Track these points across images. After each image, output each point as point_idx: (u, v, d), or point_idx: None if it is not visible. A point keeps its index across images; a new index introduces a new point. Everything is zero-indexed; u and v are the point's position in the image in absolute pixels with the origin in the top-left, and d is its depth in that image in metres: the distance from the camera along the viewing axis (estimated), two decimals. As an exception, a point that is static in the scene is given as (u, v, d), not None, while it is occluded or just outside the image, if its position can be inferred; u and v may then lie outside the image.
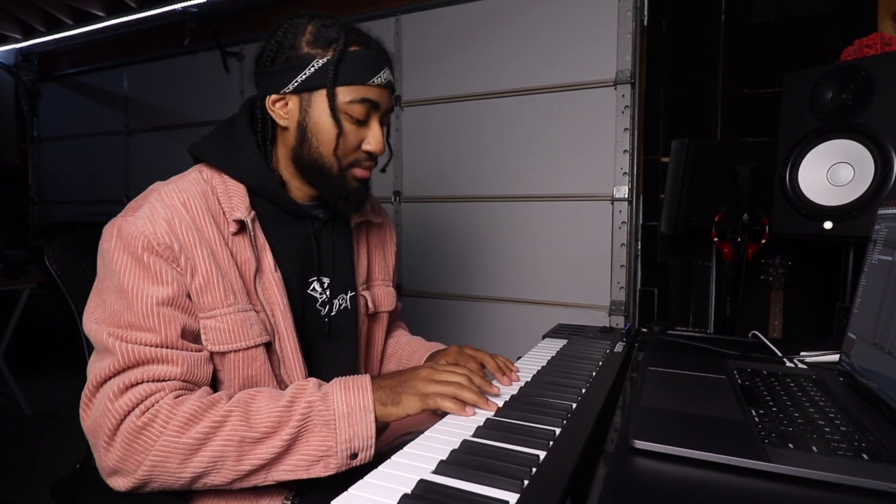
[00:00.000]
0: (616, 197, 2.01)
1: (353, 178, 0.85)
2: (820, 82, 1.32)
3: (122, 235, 0.73)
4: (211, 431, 0.66)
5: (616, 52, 1.99)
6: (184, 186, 0.79)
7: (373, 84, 0.81)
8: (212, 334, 0.76)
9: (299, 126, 0.82)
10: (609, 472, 0.53)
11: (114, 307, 0.71)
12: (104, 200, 3.38)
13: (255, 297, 0.81)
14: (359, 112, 0.81)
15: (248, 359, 0.79)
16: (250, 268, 0.81)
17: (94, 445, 0.68)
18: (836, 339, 0.99)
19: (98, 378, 0.69)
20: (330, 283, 0.93)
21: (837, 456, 0.53)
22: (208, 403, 0.68)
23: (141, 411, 0.66)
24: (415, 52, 2.36)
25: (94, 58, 3.40)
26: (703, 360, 0.91)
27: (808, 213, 1.33)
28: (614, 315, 2.03)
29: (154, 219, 0.74)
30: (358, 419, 0.69)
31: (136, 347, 0.69)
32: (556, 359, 0.96)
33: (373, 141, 0.84)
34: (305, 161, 0.84)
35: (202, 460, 0.66)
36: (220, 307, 0.76)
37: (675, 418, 0.62)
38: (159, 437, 0.65)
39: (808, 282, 1.80)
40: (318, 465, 0.68)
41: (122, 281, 0.71)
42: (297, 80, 0.80)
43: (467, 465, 0.53)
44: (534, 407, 0.70)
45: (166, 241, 0.73)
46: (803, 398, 0.71)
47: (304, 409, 0.69)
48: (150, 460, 0.65)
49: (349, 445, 0.68)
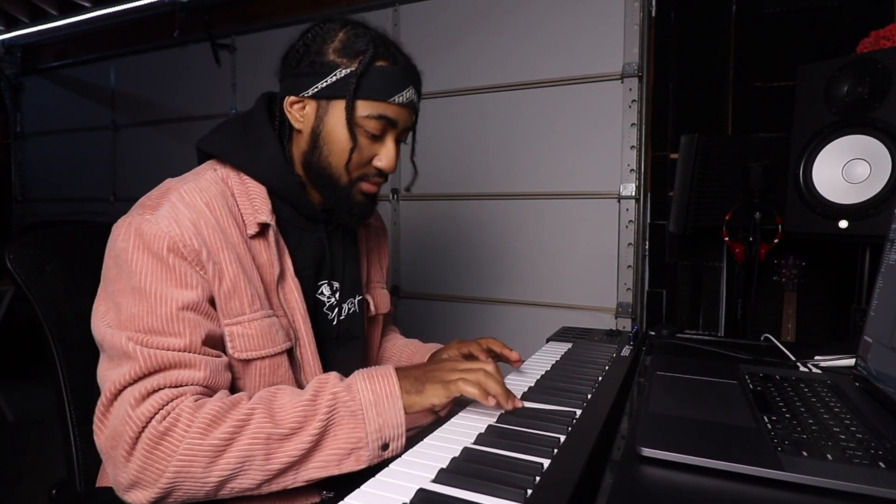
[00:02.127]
0: (623, 195, 2.01)
1: (359, 192, 0.86)
2: (835, 75, 1.32)
3: (142, 235, 0.72)
4: (236, 431, 0.65)
5: (623, 44, 1.99)
6: (203, 186, 0.79)
7: (393, 102, 0.82)
8: (238, 341, 0.76)
9: (313, 132, 0.83)
10: (615, 481, 0.53)
11: (132, 310, 0.70)
12: (90, 198, 3.38)
13: (276, 302, 0.82)
14: (374, 127, 0.82)
15: (273, 366, 0.79)
16: (272, 272, 0.81)
17: (111, 458, 0.67)
18: (851, 343, 0.99)
19: (116, 386, 0.67)
20: (339, 287, 0.94)
21: (853, 464, 0.53)
22: (230, 403, 0.68)
23: (162, 416, 0.65)
24: (413, 44, 2.34)
25: (80, 50, 3.40)
26: (713, 364, 0.90)
27: (822, 211, 1.33)
28: (621, 317, 2.03)
29: (179, 220, 0.73)
30: (386, 406, 0.69)
31: (158, 353, 0.68)
32: (561, 363, 0.96)
33: (384, 158, 0.85)
34: (315, 168, 0.85)
35: (229, 462, 0.65)
36: (247, 312, 0.77)
37: (684, 425, 0.62)
38: (182, 440, 0.64)
39: (822, 283, 1.80)
40: (350, 458, 0.68)
41: (143, 283, 0.70)
42: (318, 86, 0.81)
43: (468, 473, 0.53)
44: (537, 413, 0.70)
45: (193, 244, 0.73)
46: (818, 404, 0.71)
47: (329, 401, 0.68)
48: (174, 467, 0.64)
49: (380, 435, 0.68)
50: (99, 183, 3.33)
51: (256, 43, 2.76)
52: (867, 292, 1.40)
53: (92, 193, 3.38)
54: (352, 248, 0.98)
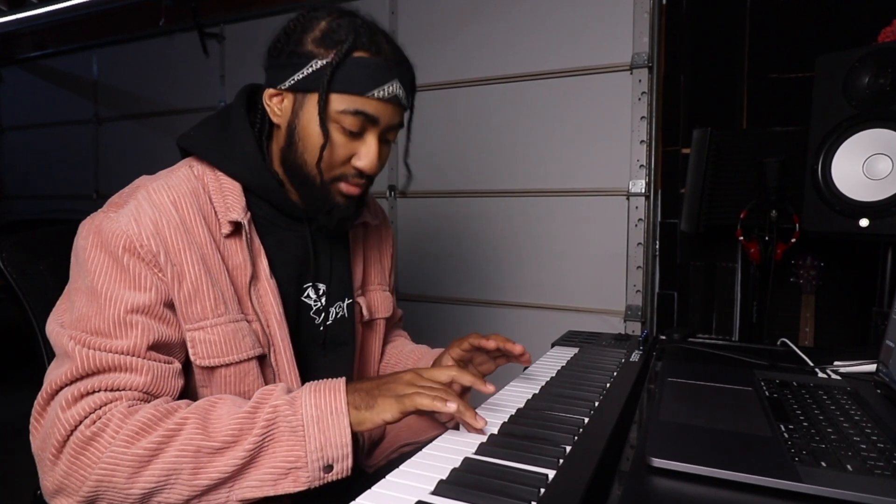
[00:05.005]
0: (632, 192, 2.01)
1: (338, 193, 0.85)
2: (855, 66, 1.32)
3: (101, 233, 0.72)
4: (164, 441, 0.65)
5: (632, 32, 1.99)
6: (173, 183, 0.79)
7: (371, 97, 0.79)
8: (200, 347, 0.76)
9: (289, 127, 0.83)
10: (624, 492, 0.53)
11: (82, 310, 0.71)
12: (72, 195, 3.38)
13: (248, 305, 0.81)
14: (351, 124, 0.80)
15: (239, 374, 0.79)
16: (244, 274, 0.81)
17: (41, 461, 0.67)
18: (872, 348, 0.99)
19: (52, 386, 0.68)
20: (326, 291, 0.93)
21: (874, 475, 0.53)
22: (164, 412, 0.67)
23: (91, 421, 0.65)
24: (412, 33, 2.36)
25: (61, 40, 3.39)
26: (727, 370, 0.91)
27: (842, 209, 1.33)
28: (630, 321, 2.03)
29: (140, 218, 0.73)
30: (329, 424, 0.67)
31: (98, 354, 0.68)
32: (567, 369, 0.96)
33: (364, 157, 0.82)
34: (290, 165, 0.84)
35: (153, 474, 0.64)
36: (210, 317, 0.76)
37: (696, 434, 0.62)
38: (107, 448, 0.64)
39: (841, 284, 1.80)
40: (287, 479, 0.66)
41: (96, 283, 0.71)
42: (294, 77, 0.80)
43: (470, 485, 0.53)
44: (542, 421, 0.70)
45: (150, 244, 0.73)
46: (837, 412, 0.71)
47: (268, 414, 0.67)
48: (96, 475, 0.64)
49: (321, 455, 0.66)
50: (81, 179, 3.33)
51: (247, 32, 2.76)
52: (889, 295, 1.40)
53: (73, 190, 3.38)
54: (340, 248, 0.97)
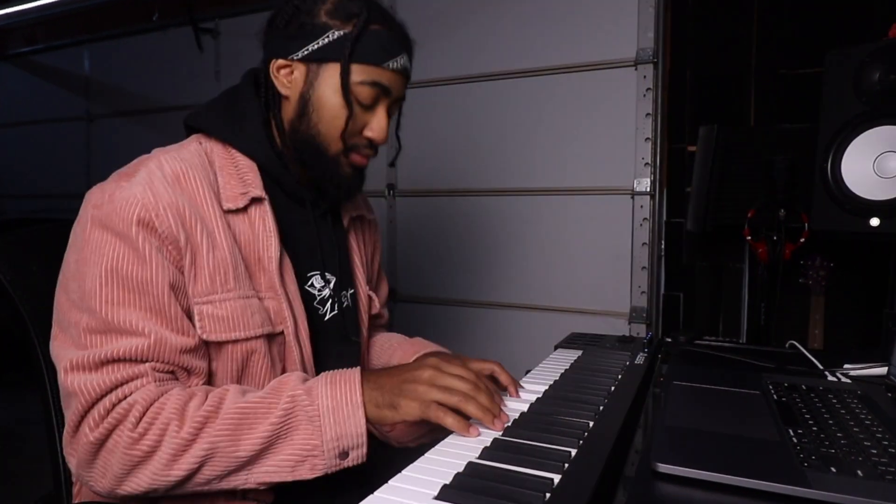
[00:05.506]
0: (637, 190, 2.01)
1: (347, 164, 0.87)
2: (866, 62, 1.32)
3: (113, 202, 0.73)
4: (199, 429, 0.68)
5: (637, 27, 1.99)
6: (185, 156, 0.81)
7: (387, 67, 0.83)
8: (208, 322, 0.76)
9: (301, 98, 0.84)
10: (629, 498, 0.53)
11: (87, 289, 0.72)
12: (63, 194, 3.38)
13: (259, 283, 0.82)
14: (367, 95, 0.83)
15: (246, 351, 0.80)
16: (255, 250, 0.82)
17: (86, 464, 0.70)
18: (883, 350, 0.99)
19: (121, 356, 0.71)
20: (332, 279, 0.94)
21: (885, 481, 0.53)
22: (186, 399, 0.70)
23: (136, 418, 0.68)
24: (411, 27, 2.34)
25: (52, 34, 3.39)
26: (734, 373, 0.91)
27: (852, 208, 1.33)
28: (635, 323, 2.03)
29: (154, 186, 0.75)
30: (345, 415, 0.69)
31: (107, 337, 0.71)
32: (570, 372, 0.96)
33: (376, 128, 0.86)
34: (301, 137, 0.86)
35: (188, 464, 0.67)
36: (219, 292, 0.77)
37: (702, 439, 0.63)
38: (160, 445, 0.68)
39: (852, 285, 1.80)
40: (304, 465, 0.69)
41: (100, 262, 0.72)
42: (309, 48, 0.82)
43: (473, 489, 0.53)
44: (546, 426, 0.70)
45: (166, 215, 0.74)
46: (847, 416, 0.71)
47: (286, 403, 0.70)
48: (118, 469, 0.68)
49: (337, 444, 0.69)
50: (72, 178, 3.33)
51: (242, 27, 2.75)
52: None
53: (64, 189, 3.38)
54: (343, 238, 0.98)
